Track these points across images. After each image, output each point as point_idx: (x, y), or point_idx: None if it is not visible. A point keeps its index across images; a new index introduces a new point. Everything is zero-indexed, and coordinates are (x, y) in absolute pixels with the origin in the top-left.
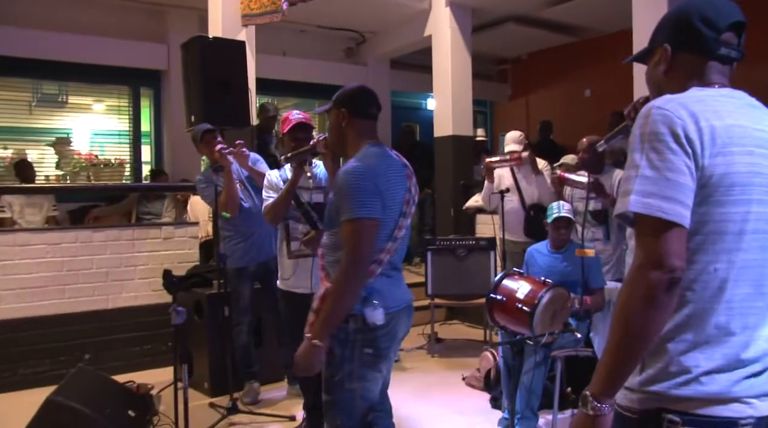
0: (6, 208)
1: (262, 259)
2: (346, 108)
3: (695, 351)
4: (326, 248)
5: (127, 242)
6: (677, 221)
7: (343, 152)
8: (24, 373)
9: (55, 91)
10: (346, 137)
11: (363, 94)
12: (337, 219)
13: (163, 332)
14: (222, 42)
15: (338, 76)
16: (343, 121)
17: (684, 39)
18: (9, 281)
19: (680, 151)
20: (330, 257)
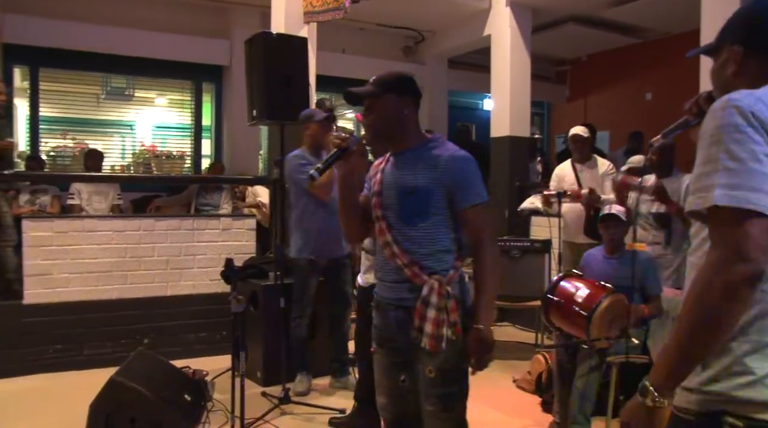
0: (75, 195)
1: (336, 255)
2: (411, 96)
3: (760, 353)
4: (413, 241)
5: (187, 232)
6: (765, 212)
7: (391, 143)
8: (88, 353)
9: (123, 85)
10: (406, 126)
11: (416, 82)
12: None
13: (218, 321)
14: (285, 38)
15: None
16: (406, 108)
17: (756, 41)
18: (76, 265)
19: (762, 141)
20: (424, 249)
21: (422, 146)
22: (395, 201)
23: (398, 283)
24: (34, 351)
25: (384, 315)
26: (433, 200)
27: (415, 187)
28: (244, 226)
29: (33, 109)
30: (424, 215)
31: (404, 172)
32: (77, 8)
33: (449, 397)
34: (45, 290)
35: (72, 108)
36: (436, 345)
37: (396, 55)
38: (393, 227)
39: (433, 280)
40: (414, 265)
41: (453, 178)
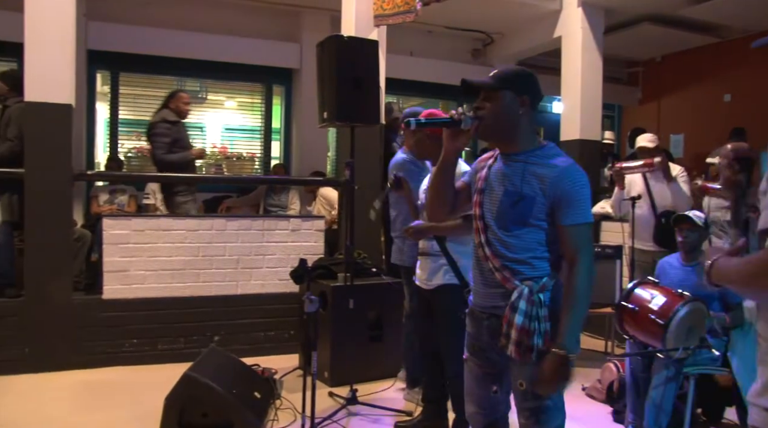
0: (150, 195)
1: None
2: (529, 95)
3: None
4: (507, 247)
5: (257, 232)
6: None
7: (500, 141)
8: (162, 348)
9: (196, 88)
10: (519, 126)
11: (538, 81)
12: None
13: (286, 320)
14: (356, 41)
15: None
16: (521, 107)
17: None
18: (152, 262)
19: None
20: (517, 255)
21: (533, 152)
22: (496, 204)
23: (491, 288)
24: (112, 344)
25: (477, 324)
26: (535, 210)
27: (519, 194)
28: (312, 227)
29: (112, 112)
30: (523, 223)
31: (510, 176)
32: (156, 15)
33: (541, 410)
34: (122, 286)
35: (148, 111)
36: (521, 354)
37: (464, 57)
38: (489, 229)
39: (523, 286)
40: (505, 270)
41: (560, 192)
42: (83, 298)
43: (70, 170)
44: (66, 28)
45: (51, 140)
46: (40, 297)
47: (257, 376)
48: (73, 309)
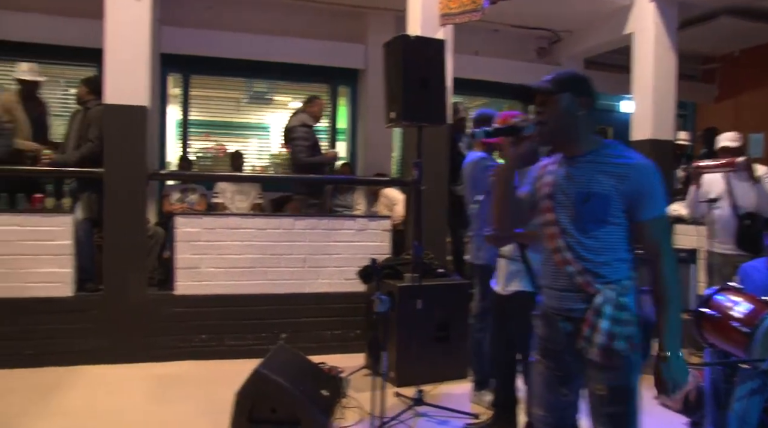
0: (220, 194)
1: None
2: (587, 97)
3: None
4: (587, 249)
5: (323, 231)
6: None
7: (562, 145)
8: (230, 344)
9: (264, 89)
10: (580, 128)
11: (593, 85)
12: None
13: (352, 319)
14: (423, 41)
15: (530, 76)
16: (581, 109)
17: None
18: (222, 260)
19: None
20: (599, 257)
21: (598, 151)
22: (570, 206)
23: (569, 292)
24: (183, 338)
25: (550, 326)
26: (611, 208)
27: (593, 194)
28: (379, 227)
29: (184, 113)
30: (600, 223)
31: (580, 177)
32: (225, 18)
33: (618, 417)
34: (194, 282)
35: (216, 112)
36: (607, 358)
37: (530, 56)
38: (567, 233)
39: (608, 290)
40: (587, 273)
41: (635, 187)
42: (157, 294)
43: (145, 170)
44: (142, 34)
45: (127, 141)
46: (118, 291)
47: (324, 374)
48: (148, 304)
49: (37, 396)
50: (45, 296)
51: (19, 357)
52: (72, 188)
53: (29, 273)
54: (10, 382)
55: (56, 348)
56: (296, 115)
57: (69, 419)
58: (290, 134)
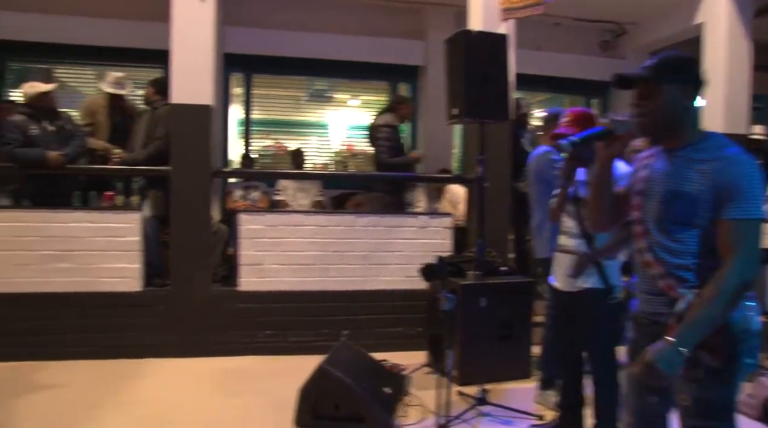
0: (282, 191)
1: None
2: (693, 84)
3: None
4: (670, 252)
5: (385, 228)
6: None
7: (663, 138)
8: (292, 340)
9: (323, 87)
10: (685, 120)
11: (700, 68)
12: (705, 214)
13: (414, 317)
14: (485, 36)
15: (593, 71)
16: (687, 99)
17: None
18: (284, 257)
19: None
20: (682, 261)
21: (698, 144)
22: (657, 205)
23: (654, 296)
24: (246, 334)
25: (640, 331)
26: (700, 209)
27: (681, 194)
28: (440, 225)
29: (246, 112)
30: (686, 225)
31: (674, 173)
32: (286, 17)
33: None
34: (257, 279)
35: (277, 110)
36: (689, 367)
37: (593, 50)
38: (650, 233)
39: (691, 295)
40: (669, 277)
41: (725, 183)
42: (221, 290)
43: (210, 167)
44: (207, 35)
45: (193, 139)
46: (183, 287)
47: (387, 372)
48: (212, 300)
49: (110, 387)
50: (115, 291)
51: (93, 349)
52: (140, 186)
53: (101, 268)
54: (86, 373)
55: (125, 342)
56: (382, 115)
57: (141, 409)
58: (374, 133)
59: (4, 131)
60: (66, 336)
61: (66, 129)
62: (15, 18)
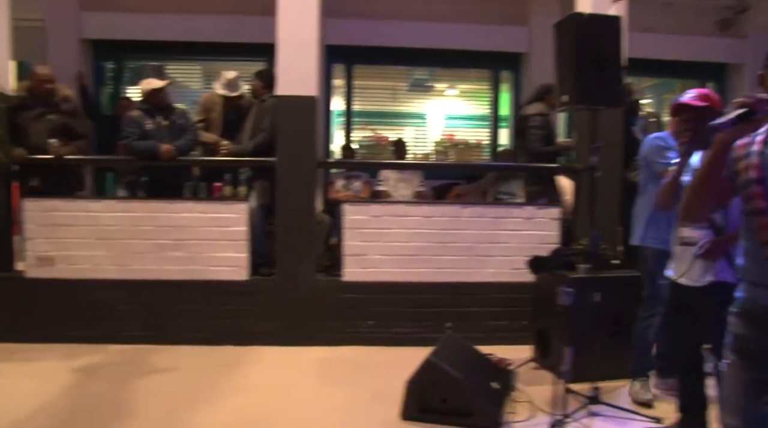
0: (384, 182)
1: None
2: None
3: None
4: None
5: (490, 220)
6: None
7: None
8: (395, 331)
9: (424, 77)
10: None
11: None
12: None
13: (519, 310)
14: (597, 19)
15: (709, 52)
16: None
17: None
18: (388, 247)
19: None
20: None
21: None
22: None
23: None
24: (350, 324)
25: (755, 325)
26: None
27: None
28: (547, 216)
29: (347, 103)
30: None
31: None
32: (387, 7)
33: None
34: (361, 269)
35: (378, 101)
36: None
37: (709, 30)
38: None
39: None
40: None
41: None
42: (325, 279)
43: (315, 158)
44: (311, 27)
45: (298, 130)
46: (289, 276)
47: (494, 366)
48: (317, 290)
49: (222, 373)
50: (224, 279)
51: (203, 335)
52: (247, 177)
53: (210, 257)
54: (197, 358)
55: (233, 329)
56: (532, 104)
57: (252, 395)
58: (526, 122)
59: (123, 126)
60: (178, 322)
61: (178, 123)
62: (129, 19)
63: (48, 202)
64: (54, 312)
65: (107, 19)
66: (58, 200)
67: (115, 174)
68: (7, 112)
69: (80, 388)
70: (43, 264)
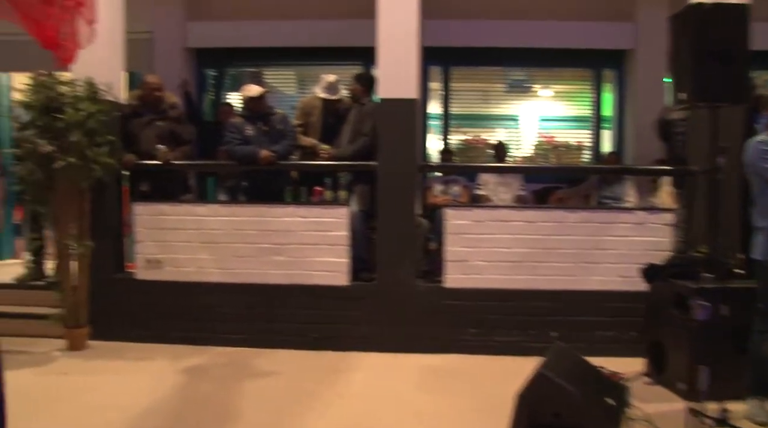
0: (483, 185)
1: None
2: None
3: None
4: None
5: (597, 225)
6: None
7: None
8: (498, 339)
9: (521, 77)
10: None
11: None
12: None
13: (628, 320)
14: (721, 9)
15: None
16: None
17: None
18: (491, 253)
19: None
20: None
21: None
22: None
23: None
24: (451, 331)
25: None
26: None
27: None
28: (660, 221)
29: (444, 105)
30: None
31: None
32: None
33: None
34: (463, 275)
35: (474, 103)
36: None
37: None
38: None
39: None
40: None
41: None
42: (427, 285)
43: (416, 161)
44: (411, 28)
45: (399, 133)
46: (389, 282)
47: (609, 380)
48: (418, 296)
49: (323, 378)
50: (324, 284)
51: (303, 339)
52: (347, 181)
53: (311, 261)
54: (297, 362)
55: (333, 334)
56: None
57: (354, 402)
58: (670, 128)
59: (225, 131)
60: (279, 325)
61: (277, 128)
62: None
63: (156, 206)
64: (161, 313)
65: (209, 28)
66: (165, 204)
67: (216, 178)
68: (119, 120)
69: (187, 389)
70: (151, 267)
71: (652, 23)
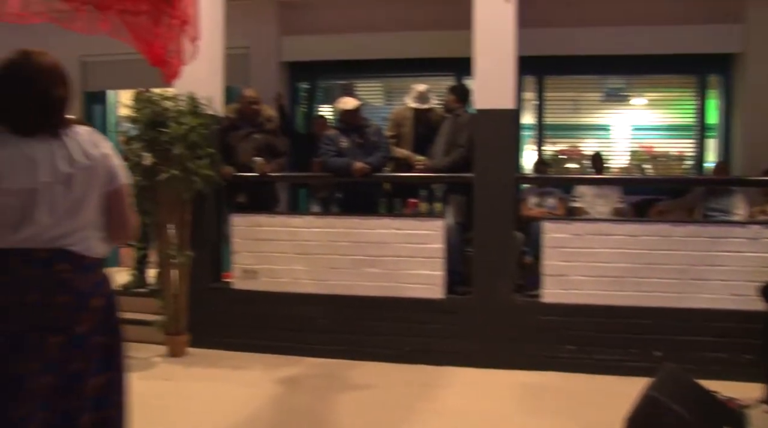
0: (579, 198)
1: None
2: None
3: None
4: None
5: (707, 240)
6: None
7: None
8: (597, 358)
9: (619, 86)
10: None
11: None
12: None
13: (741, 341)
14: None
15: None
16: None
17: None
18: (591, 268)
19: None
20: None
21: None
22: None
23: None
24: (548, 347)
25: None
26: None
27: None
28: None
29: (538, 116)
30: None
31: None
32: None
33: None
34: (561, 291)
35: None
36: None
37: None
38: None
39: None
40: None
41: None
42: (524, 300)
43: (514, 173)
44: (508, 38)
45: (497, 144)
46: (485, 295)
47: (725, 407)
48: (515, 310)
49: (417, 393)
50: (419, 297)
51: (396, 352)
52: (442, 193)
53: (405, 274)
54: (392, 375)
55: (428, 348)
56: None
57: (452, 419)
58: None
59: (320, 143)
60: (373, 338)
61: (371, 140)
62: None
63: (252, 218)
64: (256, 323)
65: (302, 42)
66: (261, 215)
67: (308, 190)
68: (218, 133)
69: (283, 400)
70: (247, 277)
71: (764, 24)
